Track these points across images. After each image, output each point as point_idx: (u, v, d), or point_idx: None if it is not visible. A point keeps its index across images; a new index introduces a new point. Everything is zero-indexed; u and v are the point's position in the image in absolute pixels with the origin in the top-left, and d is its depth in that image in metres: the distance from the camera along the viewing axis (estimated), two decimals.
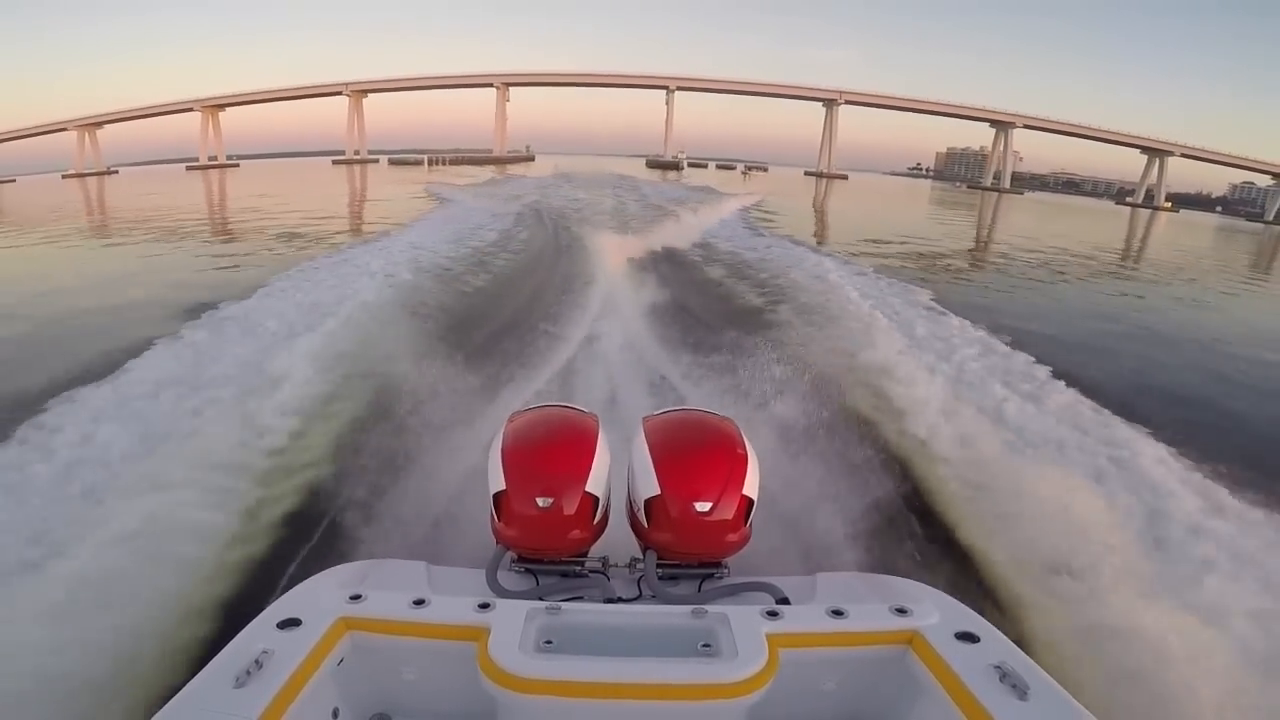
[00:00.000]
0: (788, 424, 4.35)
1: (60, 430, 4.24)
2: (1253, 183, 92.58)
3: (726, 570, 2.02)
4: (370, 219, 20.57)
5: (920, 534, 3.52)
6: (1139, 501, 3.85)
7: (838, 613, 1.58)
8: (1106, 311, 12.19)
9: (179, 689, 1.31)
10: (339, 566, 1.93)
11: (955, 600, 1.72)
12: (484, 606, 1.57)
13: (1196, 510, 3.76)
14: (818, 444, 4.11)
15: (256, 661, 1.36)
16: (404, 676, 1.62)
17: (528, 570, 2.01)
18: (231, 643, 1.46)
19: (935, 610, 1.61)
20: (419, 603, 1.59)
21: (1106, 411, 5.29)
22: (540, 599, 1.70)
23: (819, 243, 17.76)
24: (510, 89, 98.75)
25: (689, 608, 1.60)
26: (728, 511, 1.90)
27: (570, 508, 1.90)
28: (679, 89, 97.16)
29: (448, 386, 4.90)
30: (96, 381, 5.14)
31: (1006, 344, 7.11)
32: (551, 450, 1.97)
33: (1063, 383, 5.90)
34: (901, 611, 1.60)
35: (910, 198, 63.85)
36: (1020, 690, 1.33)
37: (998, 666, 1.40)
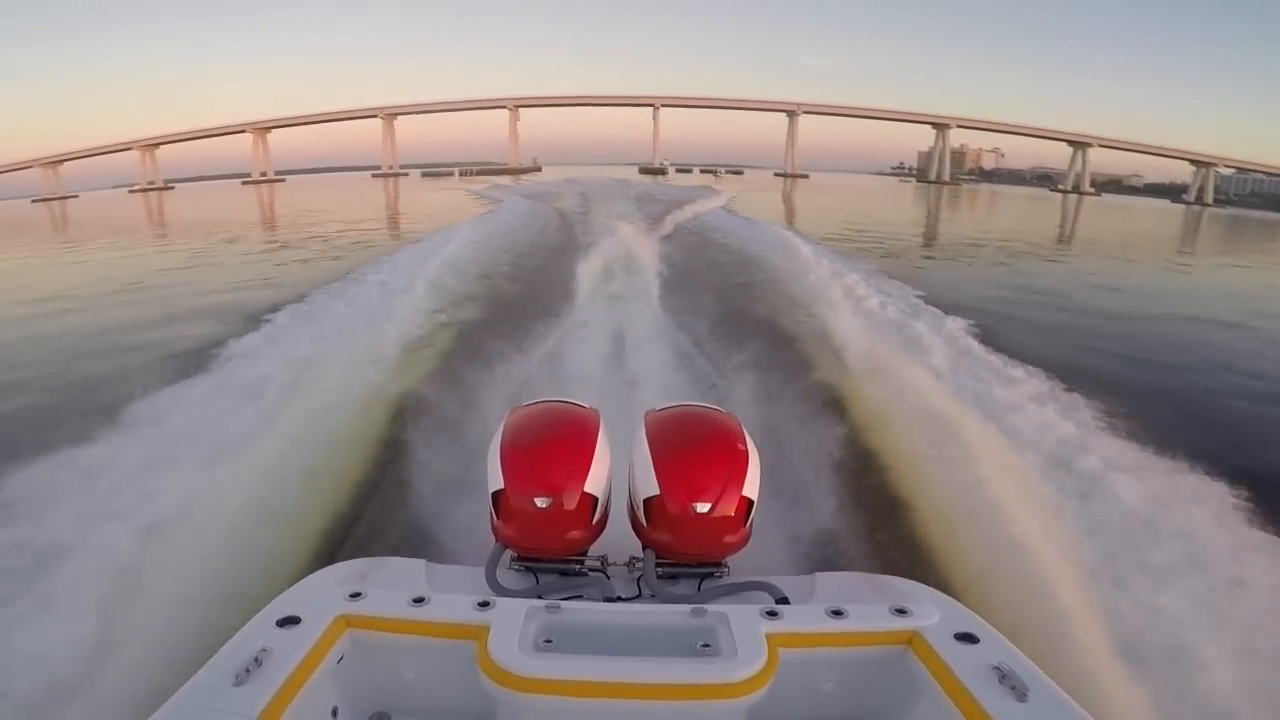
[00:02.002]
0: (788, 419, 4.05)
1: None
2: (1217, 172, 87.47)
3: (726, 569, 1.77)
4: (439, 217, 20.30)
5: (920, 534, 3.17)
6: None
7: (837, 613, 1.37)
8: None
9: (178, 687, 1.14)
10: (338, 564, 1.70)
11: (955, 601, 1.50)
12: (483, 605, 1.37)
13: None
14: (819, 441, 3.79)
15: (255, 659, 1.18)
16: (403, 675, 1.42)
17: (527, 569, 1.77)
18: (230, 641, 1.26)
19: (935, 610, 1.39)
20: (418, 601, 1.39)
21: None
22: (540, 597, 1.48)
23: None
24: (521, 110, 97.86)
25: (688, 607, 1.39)
26: (727, 512, 1.65)
27: (569, 506, 1.65)
28: (664, 105, 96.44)
29: (448, 380, 4.59)
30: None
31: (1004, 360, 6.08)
32: (550, 449, 1.71)
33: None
34: (901, 612, 1.38)
35: (845, 191, 59.74)
36: (1019, 691, 1.14)
37: (997, 667, 1.20)
